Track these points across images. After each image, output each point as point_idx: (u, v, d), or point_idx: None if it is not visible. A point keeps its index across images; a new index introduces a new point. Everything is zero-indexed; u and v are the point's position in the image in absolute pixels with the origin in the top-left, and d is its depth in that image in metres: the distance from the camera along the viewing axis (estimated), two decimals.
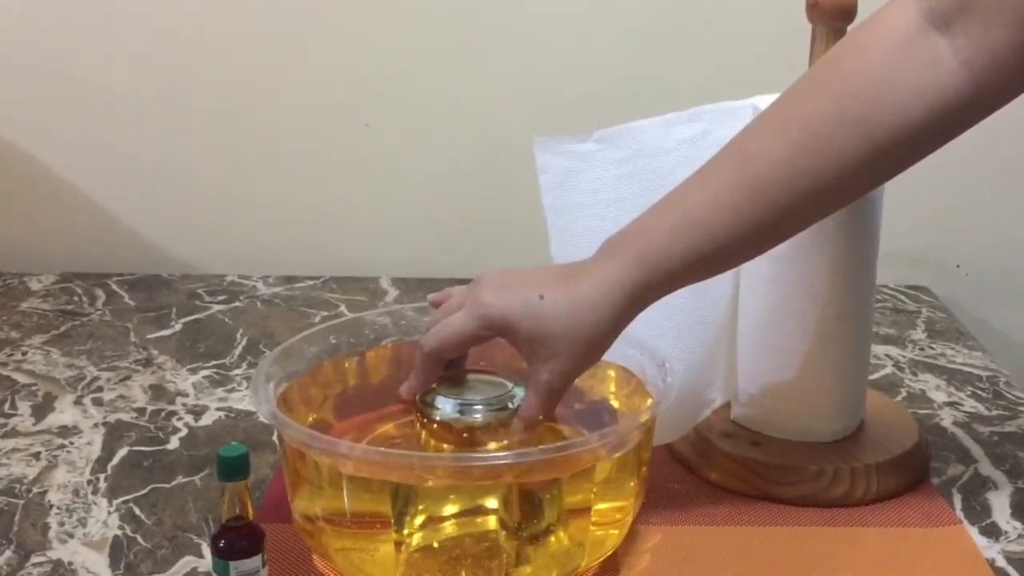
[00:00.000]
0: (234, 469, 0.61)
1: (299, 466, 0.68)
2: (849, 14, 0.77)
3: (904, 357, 1.07)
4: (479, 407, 0.69)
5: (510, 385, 0.71)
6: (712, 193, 0.67)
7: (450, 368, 0.72)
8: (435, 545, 0.67)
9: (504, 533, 0.66)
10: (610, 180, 0.81)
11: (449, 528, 0.67)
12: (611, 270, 0.67)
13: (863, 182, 0.69)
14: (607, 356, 0.77)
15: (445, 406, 0.69)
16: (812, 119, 0.65)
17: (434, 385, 0.71)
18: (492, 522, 0.67)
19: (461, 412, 0.69)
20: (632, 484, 0.70)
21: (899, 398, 0.97)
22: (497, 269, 0.70)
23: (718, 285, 0.82)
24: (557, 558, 0.67)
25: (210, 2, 1.21)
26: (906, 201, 1.01)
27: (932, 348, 1.10)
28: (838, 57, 0.68)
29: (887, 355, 1.07)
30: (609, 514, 0.69)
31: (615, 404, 0.78)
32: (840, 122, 0.65)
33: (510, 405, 0.69)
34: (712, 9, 1.20)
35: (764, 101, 0.79)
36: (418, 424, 0.71)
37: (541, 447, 0.65)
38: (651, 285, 0.67)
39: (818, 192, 0.66)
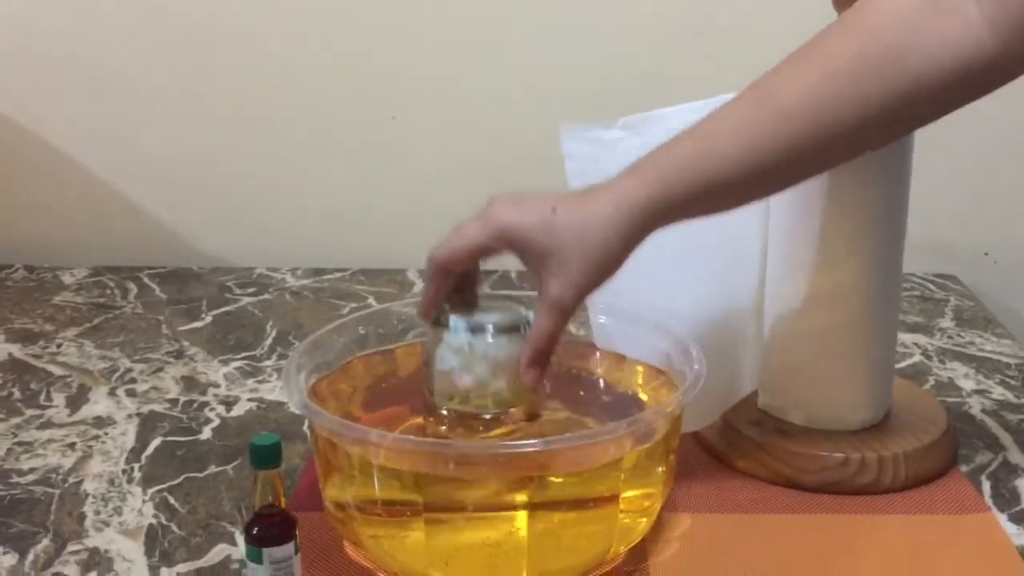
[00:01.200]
0: (267, 457, 0.62)
1: (330, 455, 0.69)
2: None
3: (932, 345, 1.07)
4: (490, 327, 0.69)
5: (523, 310, 0.71)
6: (733, 124, 0.67)
7: (463, 292, 0.71)
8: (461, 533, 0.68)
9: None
10: None
11: (474, 518, 0.68)
12: (626, 189, 0.67)
13: (884, 129, 0.68)
14: (636, 353, 0.78)
15: (458, 325, 0.69)
16: (838, 60, 0.65)
17: (447, 306, 0.71)
18: (519, 519, 0.67)
19: (472, 332, 0.69)
20: (660, 471, 0.70)
21: (927, 386, 0.97)
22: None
23: (745, 273, 0.82)
24: (585, 542, 0.68)
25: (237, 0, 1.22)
26: (935, 190, 1.01)
27: (961, 336, 1.09)
28: (865, 4, 0.67)
29: (915, 343, 1.07)
30: (637, 502, 0.69)
31: (643, 397, 0.78)
32: (864, 64, 0.64)
33: (523, 329, 0.69)
34: (731, 3, 1.20)
35: None
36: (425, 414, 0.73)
37: (570, 435, 0.65)
38: (664, 208, 0.67)
39: (839, 133, 0.66)
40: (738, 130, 0.66)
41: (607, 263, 0.67)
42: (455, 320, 0.70)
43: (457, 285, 0.71)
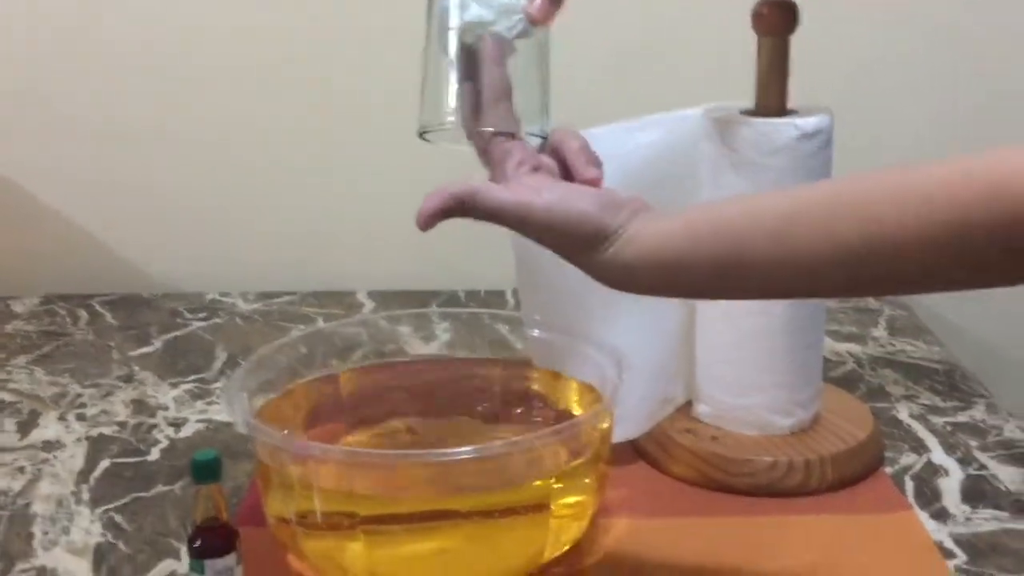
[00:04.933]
0: (207, 472, 0.64)
1: (270, 469, 0.71)
2: (791, 23, 0.81)
3: (865, 354, 1.10)
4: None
5: None
6: (814, 221, 0.57)
7: None
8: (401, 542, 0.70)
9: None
10: None
11: (412, 528, 0.70)
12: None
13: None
14: (571, 368, 0.80)
15: None
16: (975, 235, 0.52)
17: None
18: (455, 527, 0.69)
19: None
20: (590, 481, 0.73)
21: (858, 393, 1.00)
22: None
23: None
24: (519, 547, 0.70)
25: (185, 26, 1.24)
26: None
27: (892, 345, 1.13)
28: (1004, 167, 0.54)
29: (848, 352, 1.11)
30: (570, 508, 0.72)
31: (578, 412, 0.80)
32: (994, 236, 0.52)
33: None
34: (666, 27, 1.23)
35: (714, 109, 0.83)
36: None
37: (502, 442, 0.68)
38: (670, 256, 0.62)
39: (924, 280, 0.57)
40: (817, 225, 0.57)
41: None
42: None
43: None
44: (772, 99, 0.82)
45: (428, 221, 0.67)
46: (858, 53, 1.24)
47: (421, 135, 0.74)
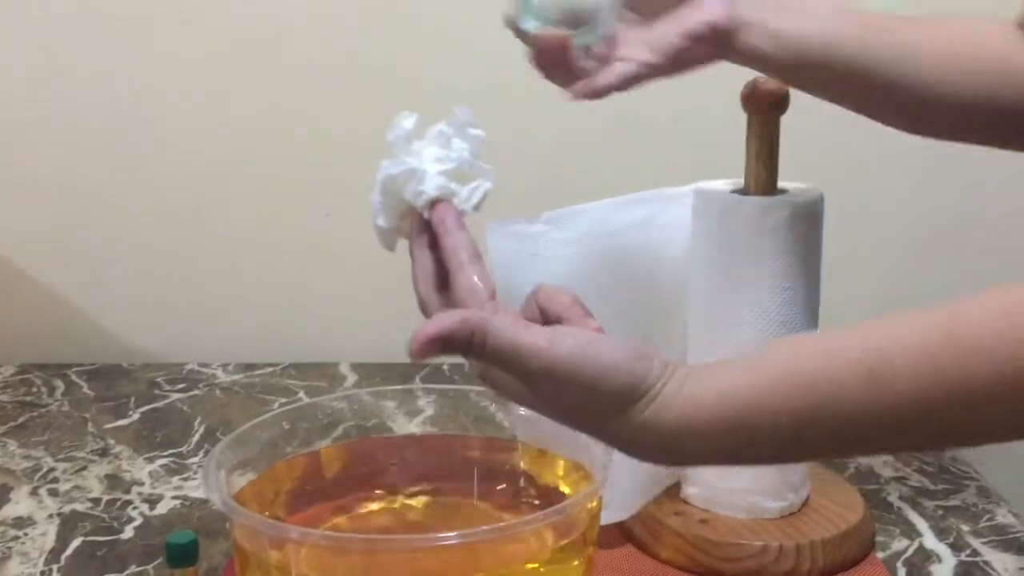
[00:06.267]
0: (183, 556, 0.62)
1: (249, 553, 0.69)
2: (780, 104, 0.81)
3: None
4: None
5: None
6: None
7: None
8: None
9: None
10: (561, 261, 0.84)
11: None
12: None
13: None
14: (557, 446, 0.79)
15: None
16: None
17: None
18: None
19: None
20: (576, 564, 0.71)
21: (847, 475, 0.99)
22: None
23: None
24: None
25: (163, 91, 1.24)
26: (849, 282, 1.04)
27: None
28: None
29: None
30: None
31: (565, 490, 0.79)
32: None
33: None
34: (657, 103, 1.24)
35: (705, 187, 0.83)
36: None
37: (487, 528, 0.66)
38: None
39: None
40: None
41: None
42: None
43: None
44: (762, 177, 0.81)
45: (424, 349, 0.53)
46: (847, 130, 1.24)
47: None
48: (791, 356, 0.53)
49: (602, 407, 0.52)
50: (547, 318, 0.57)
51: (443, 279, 0.64)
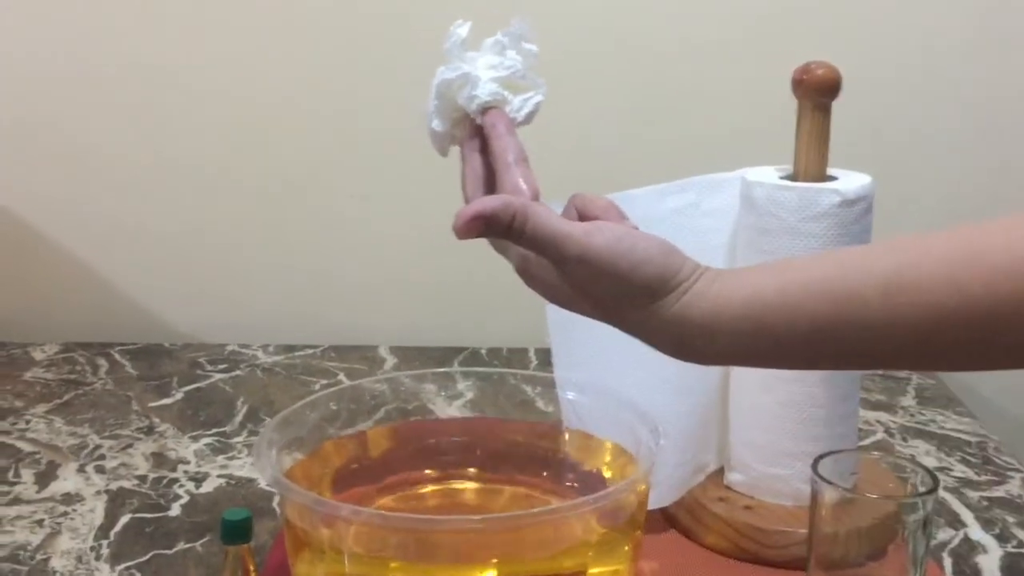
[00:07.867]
0: (237, 532, 0.63)
1: (300, 531, 0.69)
2: (833, 89, 0.80)
3: (895, 423, 1.09)
4: None
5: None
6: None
7: None
8: None
9: None
10: None
11: None
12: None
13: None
14: (604, 431, 0.79)
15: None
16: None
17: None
18: None
19: None
20: (626, 549, 0.71)
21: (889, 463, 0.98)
22: None
23: None
24: None
25: (211, 72, 1.24)
26: None
27: (922, 415, 1.11)
28: None
29: (878, 421, 1.09)
30: None
31: (608, 475, 0.79)
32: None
33: None
34: (705, 85, 1.23)
35: (752, 173, 0.82)
36: None
37: (535, 509, 0.66)
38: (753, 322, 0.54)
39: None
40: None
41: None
42: None
43: None
44: (812, 164, 0.81)
45: (468, 226, 0.55)
46: (897, 117, 1.24)
47: None
48: (832, 265, 0.53)
49: (633, 297, 0.54)
50: (584, 219, 0.58)
51: (491, 183, 0.64)
